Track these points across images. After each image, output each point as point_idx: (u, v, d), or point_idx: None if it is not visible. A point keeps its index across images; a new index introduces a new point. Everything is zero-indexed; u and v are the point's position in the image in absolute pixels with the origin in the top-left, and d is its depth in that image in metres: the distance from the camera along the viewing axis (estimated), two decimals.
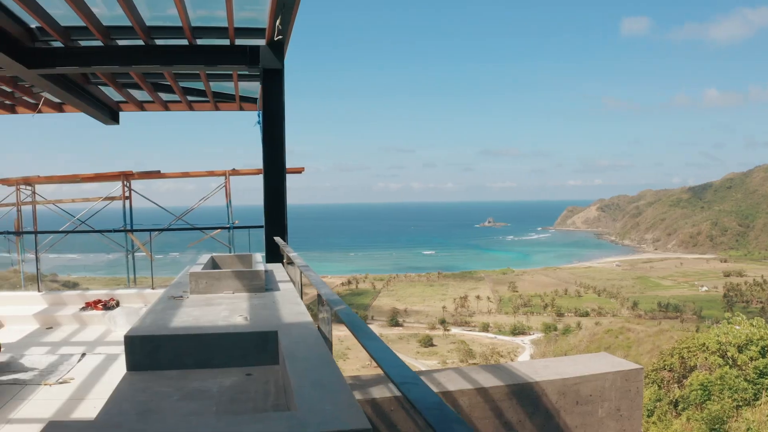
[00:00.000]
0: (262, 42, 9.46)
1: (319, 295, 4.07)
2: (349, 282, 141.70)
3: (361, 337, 2.75)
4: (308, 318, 4.18)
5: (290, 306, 4.62)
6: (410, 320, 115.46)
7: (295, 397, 2.61)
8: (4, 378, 7.95)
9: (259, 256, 7.25)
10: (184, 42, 9.53)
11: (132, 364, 3.73)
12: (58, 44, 9.54)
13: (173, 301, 4.94)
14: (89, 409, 6.61)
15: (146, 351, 3.70)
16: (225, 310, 4.55)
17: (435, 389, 5.41)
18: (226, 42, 9.55)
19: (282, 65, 9.53)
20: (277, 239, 8.58)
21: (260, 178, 9.71)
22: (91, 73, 11.86)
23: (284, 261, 7.40)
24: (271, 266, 7.17)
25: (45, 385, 7.59)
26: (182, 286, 5.74)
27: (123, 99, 13.98)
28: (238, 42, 9.54)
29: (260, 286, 5.40)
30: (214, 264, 6.98)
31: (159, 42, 9.62)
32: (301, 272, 6.34)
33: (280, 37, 8.81)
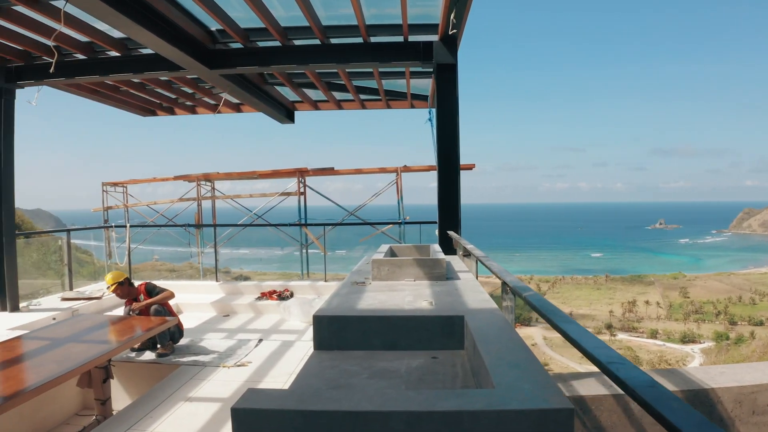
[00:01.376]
0: (434, 37, 9.48)
1: (503, 283, 4.01)
2: None
3: (558, 321, 2.66)
4: (494, 305, 4.13)
5: (473, 294, 4.57)
6: None
7: (491, 376, 2.57)
8: (185, 359, 8.37)
9: (437, 247, 7.24)
10: (359, 40, 9.69)
11: (319, 343, 3.80)
12: (237, 45, 9.92)
13: (356, 287, 5.01)
14: None
15: (333, 330, 3.76)
16: (409, 295, 4.57)
17: (606, 391, 5.24)
18: (399, 39, 9.63)
19: (455, 60, 9.51)
20: (451, 233, 8.57)
21: (428, 176, 9.74)
22: (268, 73, 12.27)
23: (460, 254, 7.39)
24: (448, 258, 7.15)
25: (223, 367, 7.93)
26: (363, 273, 5.82)
27: (298, 98, 14.40)
28: (411, 38, 9.60)
29: (441, 274, 5.38)
30: (392, 254, 7.04)
31: (334, 41, 9.82)
32: (477, 264, 6.31)
33: (454, 31, 8.79)
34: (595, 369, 2.27)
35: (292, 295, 12.46)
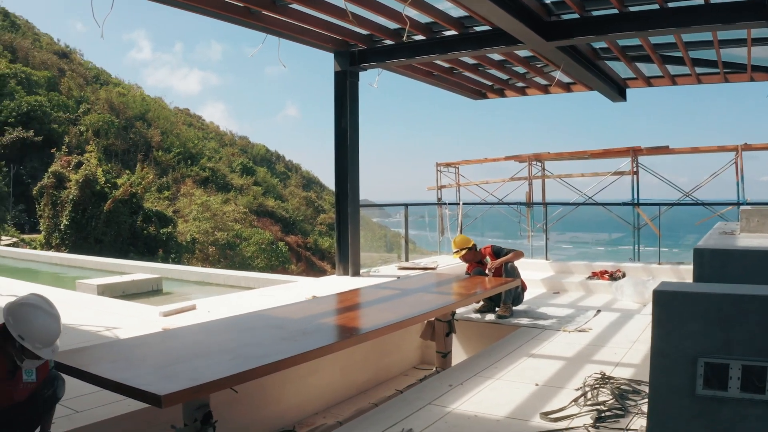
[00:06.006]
0: None
1: None
2: None
3: None
4: None
5: None
6: None
7: None
8: (525, 321, 8.62)
9: None
10: (700, 2, 9.17)
11: (699, 277, 3.68)
12: (571, 16, 9.82)
13: (725, 236, 4.79)
14: (610, 354, 6.81)
15: (715, 265, 3.61)
16: None
17: None
18: None
19: None
20: None
21: (760, 169, 8.95)
22: (600, 48, 12.02)
23: None
24: None
25: (564, 331, 8.03)
26: (725, 229, 5.54)
27: (631, 75, 13.98)
28: None
29: None
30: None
31: (672, 5, 9.37)
32: None
33: None
34: None
35: (624, 275, 12.14)
